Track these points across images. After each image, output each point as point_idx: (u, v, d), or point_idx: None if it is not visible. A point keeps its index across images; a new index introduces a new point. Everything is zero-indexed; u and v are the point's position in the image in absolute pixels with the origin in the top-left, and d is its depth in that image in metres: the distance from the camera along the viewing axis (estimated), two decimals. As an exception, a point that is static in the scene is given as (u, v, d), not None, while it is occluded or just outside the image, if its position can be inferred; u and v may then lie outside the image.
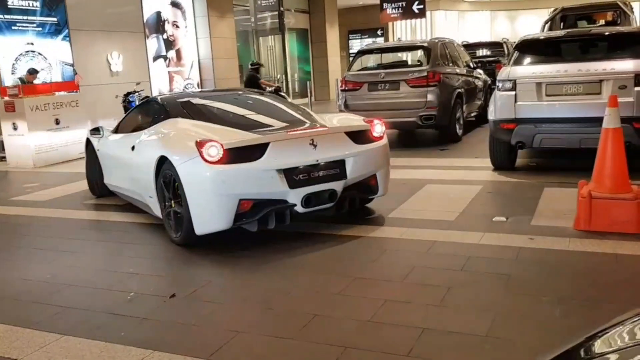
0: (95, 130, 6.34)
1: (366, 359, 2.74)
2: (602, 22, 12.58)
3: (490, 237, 4.42)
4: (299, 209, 4.36)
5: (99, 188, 6.58)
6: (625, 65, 6.04)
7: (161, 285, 3.89)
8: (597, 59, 6.33)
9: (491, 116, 6.72)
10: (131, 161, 5.28)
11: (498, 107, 6.56)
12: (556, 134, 6.28)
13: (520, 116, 6.37)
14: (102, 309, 3.54)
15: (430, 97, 8.79)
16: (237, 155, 4.21)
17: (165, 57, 14.83)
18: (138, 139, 5.26)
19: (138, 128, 5.61)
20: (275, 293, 3.59)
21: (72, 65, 12.04)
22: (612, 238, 4.17)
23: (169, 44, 14.96)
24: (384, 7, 21.54)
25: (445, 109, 8.92)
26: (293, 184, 4.31)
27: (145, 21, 14.11)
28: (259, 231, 4.45)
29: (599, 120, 4.67)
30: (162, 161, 4.60)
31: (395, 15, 22.04)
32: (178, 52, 15.25)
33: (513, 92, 6.40)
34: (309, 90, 15.91)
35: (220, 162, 4.17)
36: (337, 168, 4.55)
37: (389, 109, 8.79)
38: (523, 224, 4.68)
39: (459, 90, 9.43)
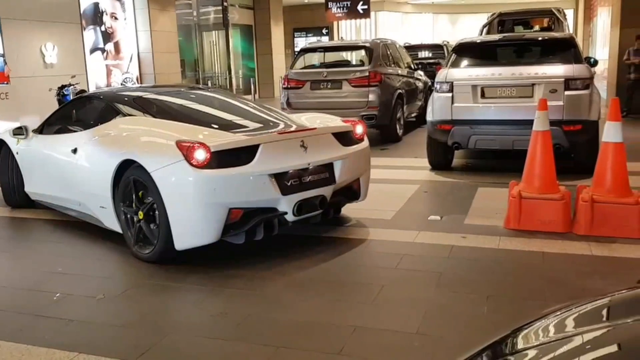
0: (18, 130, 5.47)
1: (298, 358, 2.73)
2: (537, 27, 13.07)
3: (424, 235, 4.50)
4: (290, 217, 4.01)
5: (18, 197, 5.72)
6: (556, 70, 6.29)
7: (90, 286, 3.75)
8: (530, 64, 6.57)
9: (429, 117, 6.85)
10: (72, 166, 4.64)
11: (436, 109, 6.70)
12: (490, 136, 6.47)
13: (456, 118, 6.53)
14: (26, 310, 3.38)
15: (371, 97, 8.88)
16: (224, 158, 3.75)
17: (102, 50, 14.36)
18: (82, 140, 4.64)
19: (75, 127, 5.02)
20: (207, 293, 3.53)
21: (3, 55, 11.48)
22: (540, 237, 4.33)
23: (107, 36, 14.50)
24: (329, 6, 21.63)
25: (386, 109, 9.03)
26: (285, 190, 3.94)
27: (82, 12, 13.62)
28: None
29: (530, 123, 4.83)
30: (124, 166, 4.08)
31: (340, 14, 22.17)
32: (116, 45, 14.80)
33: (450, 94, 6.55)
34: (253, 87, 15.77)
35: (206, 166, 3.70)
36: (326, 172, 4.25)
37: (331, 107, 8.80)
38: (457, 222, 4.80)
39: (400, 90, 9.57)
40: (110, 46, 14.55)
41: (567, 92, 6.19)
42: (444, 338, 2.87)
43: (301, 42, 24.66)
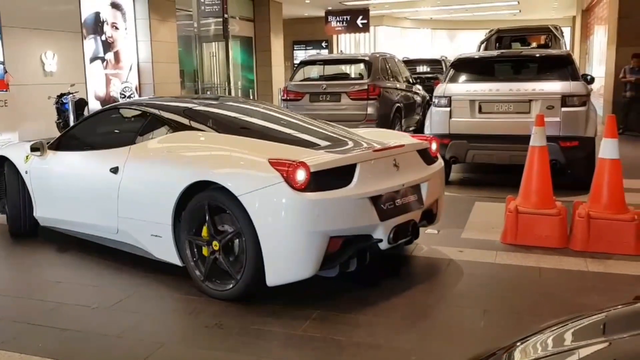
0: (36, 146, 4.67)
1: (293, 370, 2.72)
2: (534, 44, 13.17)
3: (421, 249, 4.50)
4: (384, 245, 3.56)
5: (25, 225, 4.94)
6: (553, 86, 6.33)
7: (85, 295, 3.74)
8: (527, 80, 6.62)
9: (427, 131, 6.89)
10: (111, 188, 4.01)
11: (433, 123, 6.73)
12: (487, 150, 6.51)
13: (454, 132, 6.56)
14: (20, 318, 3.37)
15: (370, 110, 8.93)
16: (322, 180, 3.28)
17: (102, 59, 14.41)
18: (124, 158, 4.03)
19: (109, 143, 4.40)
20: (201, 303, 3.52)
21: (3, 63, 11.51)
22: (536, 252, 4.34)
23: (108, 45, 14.55)
24: (329, 20, 21.79)
25: (384, 122, 9.07)
26: (382, 214, 3.51)
27: (83, 21, 13.68)
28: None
29: (527, 138, 4.86)
30: (193, 189, 3.55)
31: (339, 28, 22.32)
32: (116, 55, 14.85)
33: (448, 109, 6.59)
34: (252, 98, 15.82)
35: (305, 189, 3.23)
36: (415, 194, 3.86)
37: (330, 120, 8.84)
38: (454, 236, 4.80)
39: (398, 104, 9.62)
40: (110, 55, 14.61)
41: (563, 109, 6.23)
42: (440, 353, 2.87)
43: (300, 55, 24.78)
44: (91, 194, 4.24)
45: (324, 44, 26.00)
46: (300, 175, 3.21)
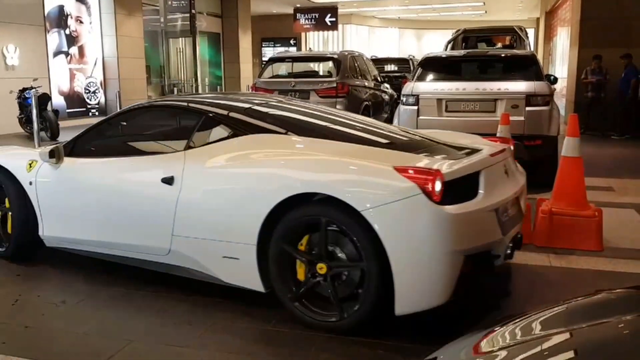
0: (53, 153, 3.86)
1: (263, 365, 2.72)
2: (500, 45, 13.42)
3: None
4: (498, 261, 3.15)
5: (22, 247, 4.17)
6: (518, 86, 6.47)
7: (50, 292, 3.67)
8: (493, 79, 6.74)
9: (395, 129, 6.95)
10: (165, 201, 3.37)
11: (402, 121, 6.80)
12: (454, 148, 6.60)
13: (422, 130, 6.64)
14: (-19, 317, 3.29)
15: (338, 107, 8.95)
16: (452, 191, 2.84)
17: (66, 53, 14.11)
18: (179, 166, 3.38)
19: (151, 148, 3.82)
20: (170, 300, 3.49)
21: (-39, 55, 11.17)
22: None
23: (72, 39, 14.25)
24: (297, 17, 21.78)
25: (353, 120, 9.11)
26: (503, 228, 3.10)
27: (46, 14, 13.37)
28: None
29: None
30: (287, 203, 2.98)
31: (308, 26, 22.34)
32: (81, 49, 14.56)
33: (416, 107, 6.66)
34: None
35: (441, 202, 2.78)
36: (517, 203, 3.45)
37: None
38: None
39: (367, 102, 9.69)
40: (74, 50, 14.31)
41: (528, 108, 6.37)
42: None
43: (269, 52, 24.72)
44: (132, 209, 3.53)
45: (292, 42, 25.98)
46: (438, 186, 2.76)
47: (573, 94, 12.73)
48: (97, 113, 14.93)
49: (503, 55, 7.42)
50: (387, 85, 11.36)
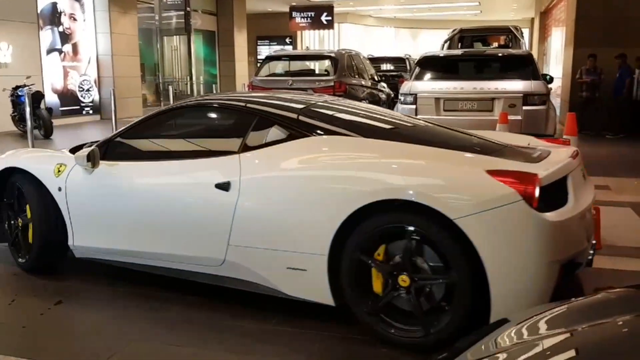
0: (90, 156, 3.52)
1: (264, 365, 2.70)
2: (495, 44, 13.45)
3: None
4: (581, 269, 3.04)
5: (49, 257, 3.87)
6: (515, 85, 6.49)
7: (47, 292, 3.63)
8: (490, 79, 6.76)
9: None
10: (220, 208, 3.13)
11: (399, 119, 6.80)
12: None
13: (419, 129, 6.64)
14: (-22, 317, 3.25)
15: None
16: (546, 196, 2.65)
17: (60, 51, 14.02)
18: (234, 169, 3.14)
19: (199, 151, 3.50)
20: (168, 300, 3.46)
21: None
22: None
23: (65, 37, 14.16)
24: (293, 16, 21.76)
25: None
26: (587, 234, 2.99)
27: (39, 11, 13.27)
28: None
29: (491, 136, 4.93)
30: (363, 211, 2.77)
31: (303, 24, 22.33)
32: (74, 47, 14.47)
33: (414, 106, 6.67)
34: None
35: (538, 208, 2.60)
36: (591, 208, 3.23)
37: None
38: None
39: (364, 101, 9.67)
40: (68, 47, 14.22)
41: (525, 107, 6.39)
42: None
43: (264, 50, 24.65)
44: (181, 217, 3.27)
45: (288, 40, 25.94)
46: (537, 191, 2.58)
47: (568, 93, 12.76)
48: (91, 111, 14.85)
49: (500, 54, 7.45)
50: (384, 85, 11.36)
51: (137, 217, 3.44)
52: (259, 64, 17.19)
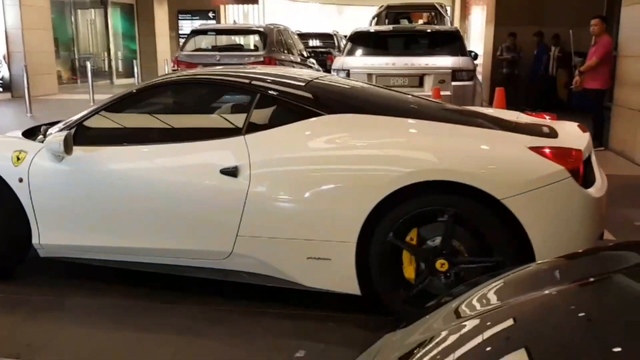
0: (61, 139, 3.03)
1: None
2: (421, 22, 13.66)
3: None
4: None
5: (10, 259, 3.36)
6: (444, 61, 6.61)
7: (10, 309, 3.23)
8: (420, 54, 6.86)
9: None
10: (237, 196, 2.82)
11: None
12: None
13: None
14: None
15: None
16: (585, 171, 2.66)
17: (-36, 23, 12.95)
18: (246, 154, 2.85)
19: (193, 133, 3.19)
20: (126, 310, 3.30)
21: None
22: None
23: (-31, 8, 13.08)
24: (216, -10, 21.07)
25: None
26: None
27: (-63, -21, 12.16)
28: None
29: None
30: (397, 193, 2.62)
31: (227, -2, 21.70)
32: (-20, 19, 13.41)
33: (347, 81, 6.66)
34: (135, 70, 15.01)
35: (582, 184, 2.59)
36: None
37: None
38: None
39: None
40: (-28, 19, 13.15)
41: (454, 83, 6.53)
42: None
43: (186, 25, 23.84)
44: (179, 208, 2.95)
45: (211, 15, 25.21)
46: (581, 167, 2.55)
47: (489, 70, 13.19)
48: (1, 89, 13.87)
49: (429, 30, 7.56)
50: (313, 61, 11.28)
51: (121, 209, 3.06)
52: (181, 39, 16.60)
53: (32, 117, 10.05)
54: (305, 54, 10.95)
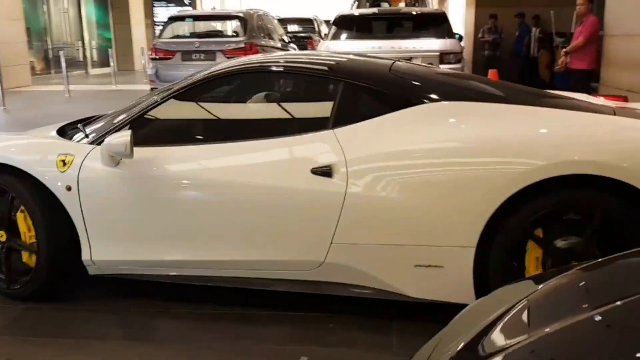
0: (122, 140, 2.61)
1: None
2: (402, 4, 13.52)
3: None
4: None
5: (50, 277, 2.89)
6: (432, 44, 6.51)
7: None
8: (407, 37, 6.74)
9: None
10: (332, 200, 2.50)
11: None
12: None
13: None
14: None
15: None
16: None
17: None
18: (340, 151, 2.53)
19: (271, 129, 2.81)
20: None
21: None
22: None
23: None
24: (192, -25, 20.67)
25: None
26: None
27: None
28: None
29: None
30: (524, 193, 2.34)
31: (203, -16, 21.30)
32: (-53, 9, 12.94)
33: (333, 66, 6.51)
34: (111, 59, 14.64)
35: None
36: None
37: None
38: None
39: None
40: (-62, 9, 12.67)
41: (442, 66, 6.41)
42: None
43: (161, 12, 23.38)
44: (263, 214, 2.60)
45: (187, 1, 24.75)
46: None
47: (471, 52, 13.14)
48: (-29, 81, 13.43)
49: (415, 13, 7.43)
50: (294, 46, 11.09)
51: (194, 218, 2.67)
52: (157, 27, 16.21)
53: (6, 110, 9.73)
54: (285, 39, 10.75)
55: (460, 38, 7.44)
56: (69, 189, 2.73)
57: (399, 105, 2.59)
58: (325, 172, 2.49)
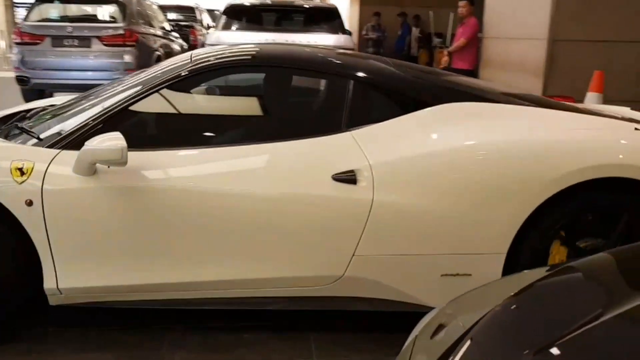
0: (114, 148, 2.14)
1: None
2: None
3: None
4: None
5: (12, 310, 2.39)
6: (326, 39, 6.43)
7: None
8: (299, 31, 6.61)
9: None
10: (357, 209, 2.27)
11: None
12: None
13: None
14: None
15: (127, 58, 8.00)
16: None
17: None
18: (362, 154, 2.31)
19: (277, 131, 2.51)
20: None
21: None
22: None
23: None
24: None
25: (145, 72, 8.25)
26: None
27: None
28: None
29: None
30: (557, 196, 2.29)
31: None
32: None
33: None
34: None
35: None
36: None
37: (79, 69, 7.79)
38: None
39: (158, 53, 8.84)
40: None
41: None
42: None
43: (23, -7, 21.37)
44: (275, 226, 2.29)
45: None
46: None
47: (355, 49, 13.35)
48: None
49: (308, 6, 7.31)
50: (176, 35, 10.55)
51: (191, 233, 2.29)
52: (18, 9, 14.76)
53: None
54: (167, 26, 10.18)
55: (350, 34, 7.43)
56: (29, 203, 2.21)
57: (416, 106, 2.45)
58: (349, 178, 2.27)
